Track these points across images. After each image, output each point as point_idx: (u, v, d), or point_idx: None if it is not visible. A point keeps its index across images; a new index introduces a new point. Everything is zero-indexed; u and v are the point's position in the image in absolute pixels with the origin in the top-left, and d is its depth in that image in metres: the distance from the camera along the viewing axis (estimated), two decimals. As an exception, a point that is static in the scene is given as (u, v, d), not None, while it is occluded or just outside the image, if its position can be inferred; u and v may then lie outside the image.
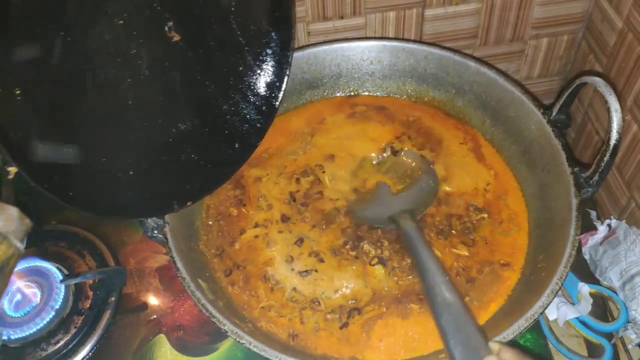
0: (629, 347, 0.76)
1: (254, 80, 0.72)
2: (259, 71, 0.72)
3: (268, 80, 0.73)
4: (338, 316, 0.65)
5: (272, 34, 0.71)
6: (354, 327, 0.65)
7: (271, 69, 0.73)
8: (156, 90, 0.67)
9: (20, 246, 0.51)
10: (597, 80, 0.63)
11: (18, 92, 0.56)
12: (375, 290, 0.68)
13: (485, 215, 0.73)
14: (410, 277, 0.68)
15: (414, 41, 0.85)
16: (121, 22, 0.62)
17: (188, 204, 0.70)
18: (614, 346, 0.75)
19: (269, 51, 0.72)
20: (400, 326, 0.64)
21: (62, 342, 0.75)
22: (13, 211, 0.52)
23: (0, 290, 0.48)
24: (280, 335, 0.65)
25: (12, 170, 0.55)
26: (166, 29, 0.65)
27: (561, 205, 0.66)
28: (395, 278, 0.68)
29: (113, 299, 0.78)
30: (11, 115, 0.55)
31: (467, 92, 0.81)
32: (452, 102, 0.83)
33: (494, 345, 0.53)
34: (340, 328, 0.65)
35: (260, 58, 0.72)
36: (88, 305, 0.77)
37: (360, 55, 0.84)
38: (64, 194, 0.60)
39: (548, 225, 0.68)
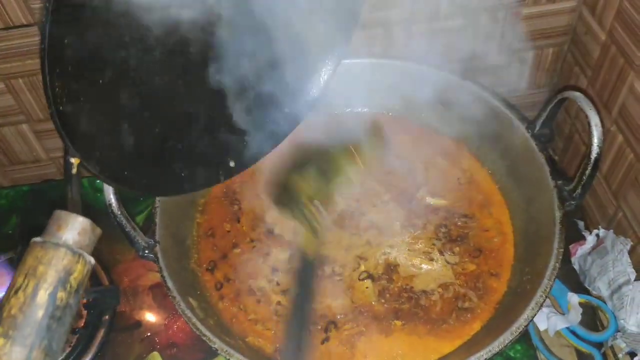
0: (619, 355, 0.76)
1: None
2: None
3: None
4: (320, 327, 0.67)
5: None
6: (335, 342, 0.66)
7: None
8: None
9: (92, 260, 0.48)
10: (578, 95, 0.64)
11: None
12: (359, 305, 0.69)
13: (475, 224, 0.75)
14: (397, 303, 0.69)
15: (400, 58, 0.86)
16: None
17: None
18: (604, 355, 0.76)
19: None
20: (384, 342, 0.65)
21: (57, 362, 0.75)
22: (86, 224, 0.48)
23: (75, 310, 0.44)
24: (267, 349, 0.66)
25: (76, 161, 0.52)
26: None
27: (545, 218, 0.67)
28: (383, 300, 0.69)
29: (107, 317, 0.79)
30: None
31: (453, 107, 0.82)
32: (438, 117, 0.84)
33: None
34: (322, 342, 0.66)
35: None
36: (82, 324, 0.78)
37: (346, 72, 0.85)
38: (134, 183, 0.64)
39: (533, 238, 0.69)
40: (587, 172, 0.63)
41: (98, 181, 0.91)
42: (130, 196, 0.90)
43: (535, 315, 0.59)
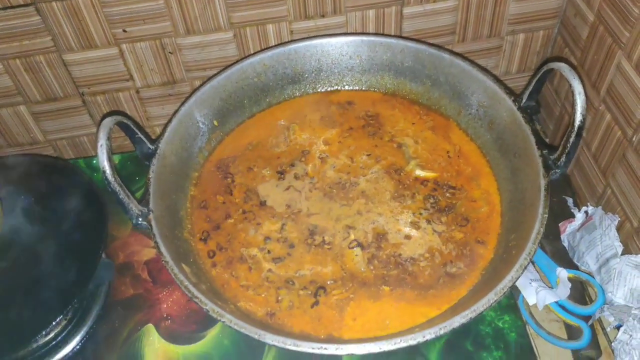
0: (608, 329, 0.77)
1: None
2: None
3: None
4: (310, 292, 0.68)
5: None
6: (324, 307, 0.67)
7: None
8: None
9: None
10: (562, 65, 0.66)
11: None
12: (348, 272, 0.70)
13: (463, 195, 0.76)
14: (385, 269, 0.70)
15: (391, 36, 0.88)
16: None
17: None
18: (592, 328, 0.77)
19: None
20: (372, 307, 0.67)
21: (52, 334, 0.76)
22: None
23: None
24: (259, 313, 0.67)
25: None
26: None
27: (531, 187, 0.68)
28: (372, 267, 0.70)
29: (102, 291, 0.80)
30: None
31: (443, 83, 0.83)
32: (428, 93, 0.85)
33: None
34: (312, 307, 0.67)
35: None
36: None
37: (339, 51, 0.86)
38: None
39: (519, 207, 0.70)
40: (571, 139, 0.64)
41: (95, 161, 0.93)
42: (126, 174, 0.92)
43: (519, 276, 0.60)
